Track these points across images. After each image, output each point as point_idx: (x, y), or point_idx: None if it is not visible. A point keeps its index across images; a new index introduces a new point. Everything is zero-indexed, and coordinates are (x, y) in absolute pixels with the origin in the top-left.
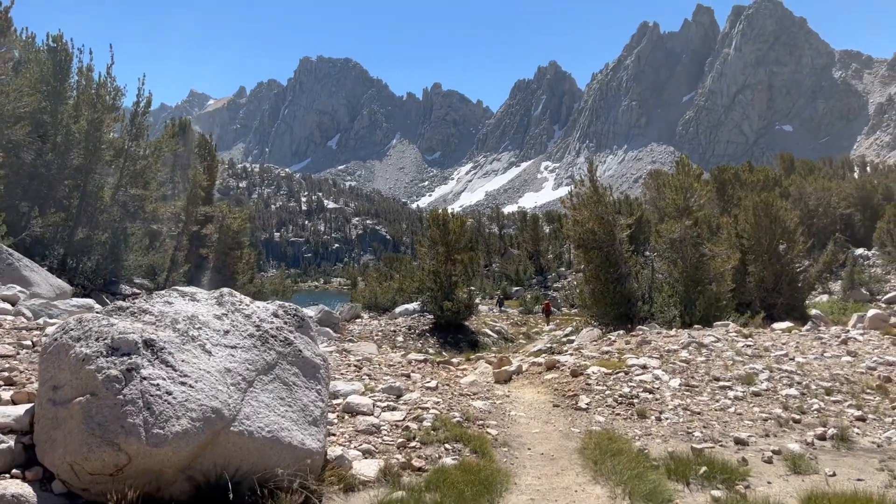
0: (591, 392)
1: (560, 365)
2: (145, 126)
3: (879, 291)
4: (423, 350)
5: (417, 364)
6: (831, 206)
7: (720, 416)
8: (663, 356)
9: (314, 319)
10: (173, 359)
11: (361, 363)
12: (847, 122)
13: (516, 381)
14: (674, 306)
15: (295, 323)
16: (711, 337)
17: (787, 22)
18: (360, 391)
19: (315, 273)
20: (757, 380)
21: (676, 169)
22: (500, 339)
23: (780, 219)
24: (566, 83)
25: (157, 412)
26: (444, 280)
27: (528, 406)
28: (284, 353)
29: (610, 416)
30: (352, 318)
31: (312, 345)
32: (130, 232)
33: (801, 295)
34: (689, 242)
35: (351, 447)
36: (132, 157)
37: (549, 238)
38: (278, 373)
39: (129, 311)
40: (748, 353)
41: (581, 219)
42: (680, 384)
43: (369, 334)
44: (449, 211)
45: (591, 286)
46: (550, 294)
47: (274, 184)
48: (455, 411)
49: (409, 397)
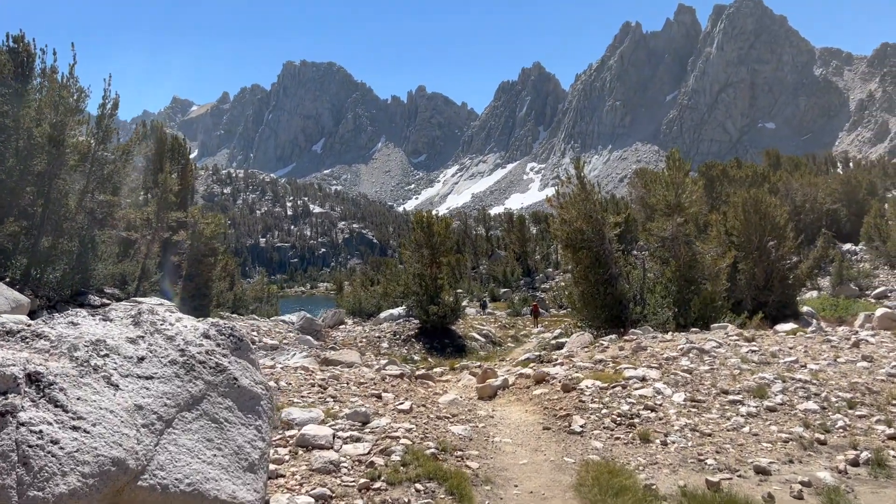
0: (585, 411)
1: (550, 378)
2: (112, 129)
3: (868, 287)
4: (409, 356)
5: (392, 380)
6: (818, 201)
7: (734, 437)
8: (662, 365)
9: (296, 327)
10: (65, 396)
11: (327, 382)
12: (829, 118)
13: (502, 398)
14: (667, 307)
15: (230, 345)
16: (712, 342)
17: (767, 20)
18: (319, 419)
19: (302, 278)
20: (770, 392)
21: (667, 164)
22: (488, 342)
23: (769, 215)
24: (550, 84)
25: (36, 468)
26: (429, 283)
27: (515, 429)
28: (215, 383)
29: (608, 441)
30: (335, 324)
31: (252, 371)
32: (99, 240)
33: (792, 292)
34: (681, 240)
35: (302, 492)
36: (99, 161)
37: (536, 239)
38: (206, 408)
39: (21, 336)
40: (755, 360)
41: (568, 218)
42: (685, 399)
43: (353, 341)
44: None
45: (581, 288)
46: (538, 295)
47: (259, 189)
48: (430, 440)
49: (378, 424)
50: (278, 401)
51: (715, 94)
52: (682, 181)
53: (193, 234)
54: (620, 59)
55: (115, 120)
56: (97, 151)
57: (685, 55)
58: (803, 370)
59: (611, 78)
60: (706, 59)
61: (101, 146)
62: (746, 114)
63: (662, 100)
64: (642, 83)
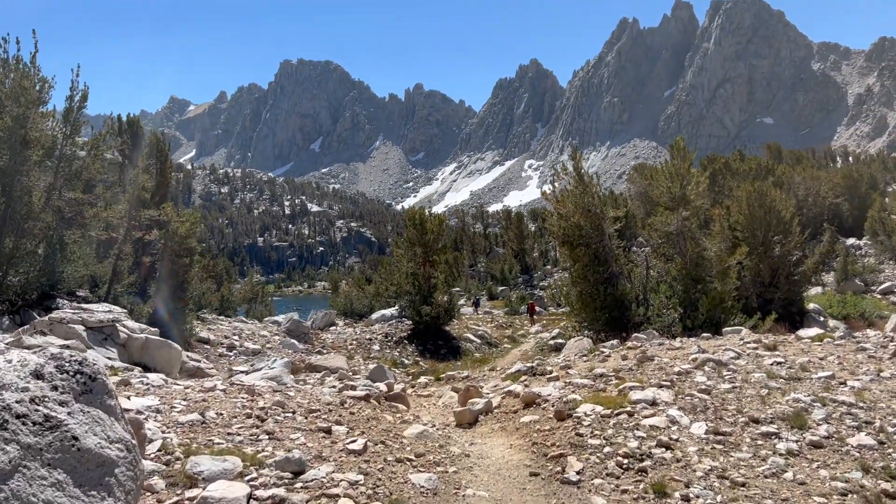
0: (583, 449)
1: (541, 401)
2: (81, 122)
3: (874, 282)
4: (400, 360)
5: (353, 405)
6: (820, 195)
7: (775, 488)
8: (674, 382)
9: (282, 329)
10: None
11: (268, 412)
12: (827, 113)
13: (484, 425)
14: (673, 308)
15: (76, 387)
16: (730, 352)
17: (765, 15)
18: (235, 471)
19: (299, 277)
20: (810, 420)
21: (671, 153)
22: (484, 344)
23: (774, 209)
24: (548, 81)
25: None
26: (422, 283)
27: (495, 474)
28: (38, 447)
29: (613, 496)
30: (326, 325)
31: (107, 423)
32: (68, 240)
33: (798, 289)
34: (687, 235)
35: None
36: (67, 157)
37: (534, 236)
38: (18, 486)
39: None
40: (783, 376)
41: (565, 212)
42: (706, 431)
43: (343, 343)
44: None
45: (579, 288)
46: (537, 293)
47: (256, 188)
48: (380, 499)
49: (315, 475)
50: (196, 442)
51: (713, 90)
52: (687, 172)
53: (167, 232)
54: (618, 55)
55: (83, 113)
56: (65, 146)
57: (683, 51)
58: (844, 389)
59: (608, 74)
60: (704, 54)
61: (70, 141)
62: (744, 109)
63: (660, 96)
64: (640, 79)
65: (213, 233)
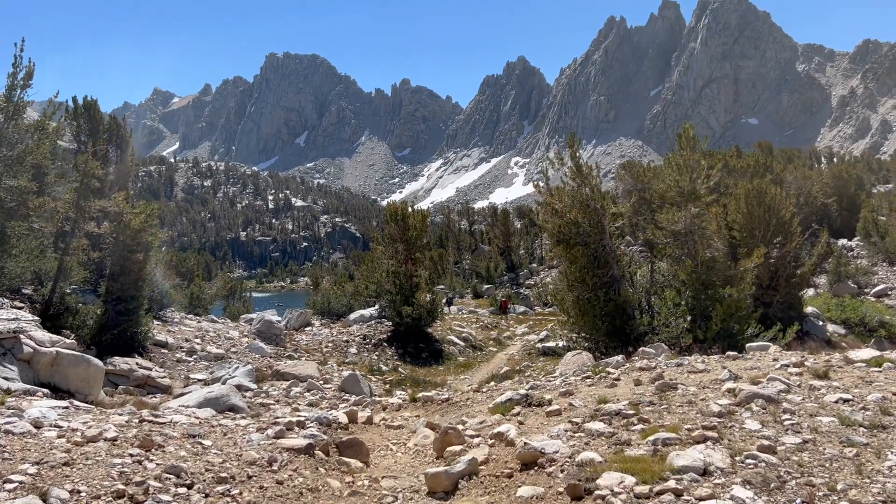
0: None
1: (545, 461)
2: (24, 103)
3: (867, 284)
4: (377, 366)
5: (287, 463)
6: (812, 195)
7: None
8: (719, 431)
9: (252, 330)
10: None
11: (153, 485)
12: (811, 114)
13: (466, 496)
14: (680, 317)
15: None
16: (777, 383)
17: (751, 16)
18: None
19: (282, 273)
20: None
21: (679, 143)
22: (468, 347)
23: (775, 208)
24: (535, 78)
25: None
26: (404, 282)
27: None
28: None
29: None
30: (301, 326)
31: None
32: (10, 233)
33: (796, 291)
34: (697, 235)
35: None
36: (8, 140)
37: (520, 233)
38: None
39: None
40: (860, 421)
41: (560, 207)
42: None
43: (317, 346)
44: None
45: (576, 293)
46: (523, 292)
47: (240, 182)
48: None
49: None
50: None
51: (699, 90)
52: (697, 164)
53: (118, 225)
54: (605, 53)
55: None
56: (5, 129)
57: (669, 50)
58: None
59: (595, 72)
60: (690, 54)
61: (12, 123)
62: (730, 109)
63: (646, 95)
64: (626, 78)
65: (194, 226)
